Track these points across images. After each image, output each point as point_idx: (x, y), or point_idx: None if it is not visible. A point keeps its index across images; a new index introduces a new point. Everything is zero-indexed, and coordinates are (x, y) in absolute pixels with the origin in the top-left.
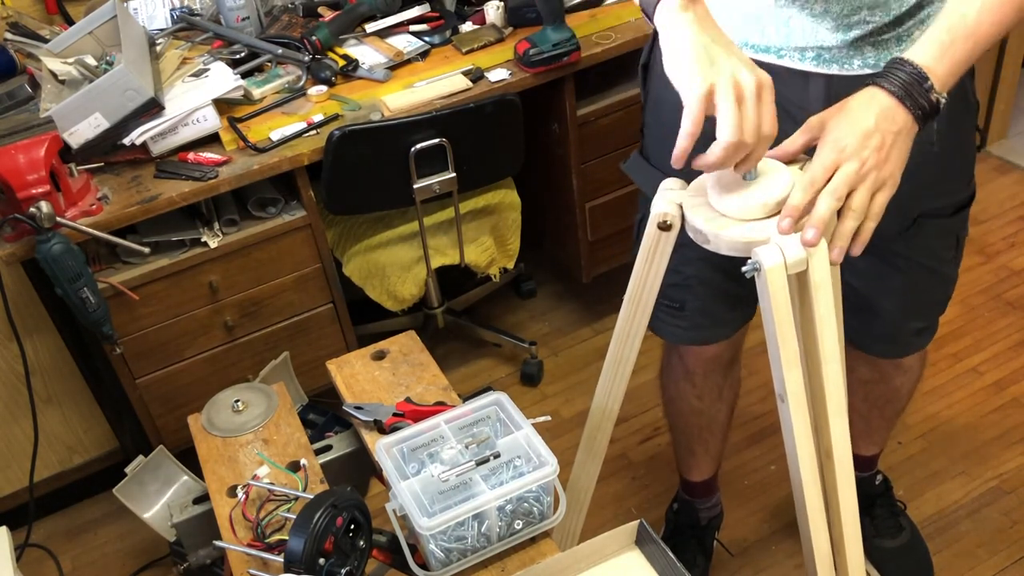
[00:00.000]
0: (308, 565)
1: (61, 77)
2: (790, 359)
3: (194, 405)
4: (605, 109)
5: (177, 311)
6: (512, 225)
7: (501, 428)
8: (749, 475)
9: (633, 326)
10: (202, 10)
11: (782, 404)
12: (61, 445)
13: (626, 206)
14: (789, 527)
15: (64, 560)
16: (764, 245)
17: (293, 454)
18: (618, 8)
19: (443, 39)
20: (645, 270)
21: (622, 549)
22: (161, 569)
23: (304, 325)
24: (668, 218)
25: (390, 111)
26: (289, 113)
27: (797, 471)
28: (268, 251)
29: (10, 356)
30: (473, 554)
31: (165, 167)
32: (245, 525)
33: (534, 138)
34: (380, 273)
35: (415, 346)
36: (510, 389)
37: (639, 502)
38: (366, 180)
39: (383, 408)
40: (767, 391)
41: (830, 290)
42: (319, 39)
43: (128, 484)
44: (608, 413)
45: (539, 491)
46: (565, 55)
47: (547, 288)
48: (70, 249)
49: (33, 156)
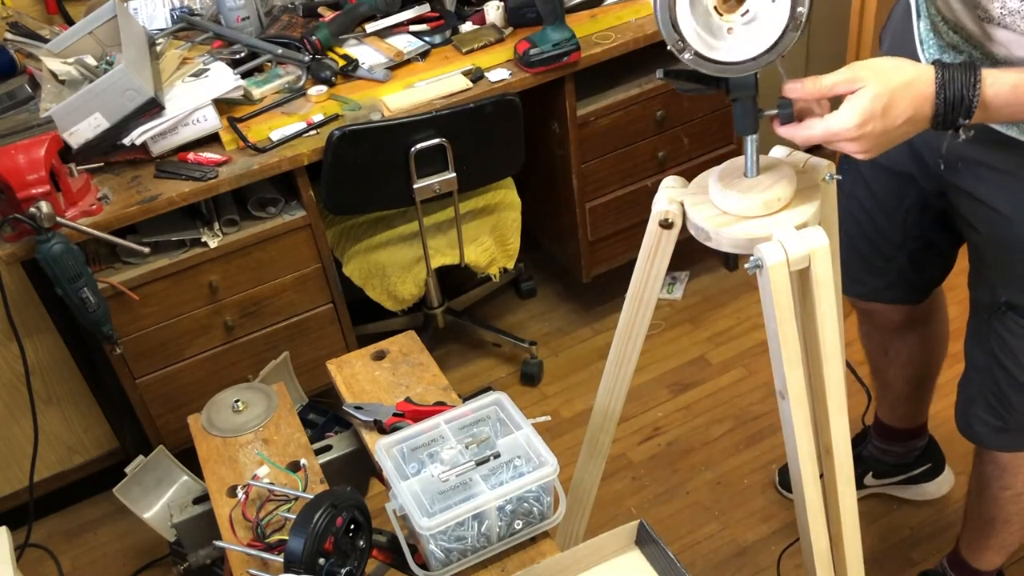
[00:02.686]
0: (308, 565)
1: (61, 77)
2: (791, 356)
3: (194, 405)
4: (605, 109)
5: (177, 311)
6: (512, 225)
7: (501, 428)
8: (749, 475)
9: (635, 325)
10: (202, 10)
11: (783, 401)
12: (61, 445)
13: (626, 206)
14: (789, 527)
15: (64, 560)
16: (766, 242)
17: (293, 454)
18: (618, 8)
19: (443, 39)
20: (647, 268)
21: (622, 549)
22: (161, 569)
23: (304, 325)
24: (669, 216)
25: (390, 111)
26: (289, 113)
27: (797, 469)
28: (268, 251)
29: (10, 356)
30: (473, 554)
31: (165, 167)
32: (245, 525)
33: (534, 138)
34: (380, 273)
35: (415, 346)
36: (510, 389)
37: (639, 502)
38: (366, 180)
39: (383, 408)
40: (767, 391)
41: (832, 287)
42: (319, 39)
43: (128, 484)
44: (611, 413)
45: (539, 491)
46: (565, 55)
47: (547, 288)
48: (70, 249)
49: (33, 156)
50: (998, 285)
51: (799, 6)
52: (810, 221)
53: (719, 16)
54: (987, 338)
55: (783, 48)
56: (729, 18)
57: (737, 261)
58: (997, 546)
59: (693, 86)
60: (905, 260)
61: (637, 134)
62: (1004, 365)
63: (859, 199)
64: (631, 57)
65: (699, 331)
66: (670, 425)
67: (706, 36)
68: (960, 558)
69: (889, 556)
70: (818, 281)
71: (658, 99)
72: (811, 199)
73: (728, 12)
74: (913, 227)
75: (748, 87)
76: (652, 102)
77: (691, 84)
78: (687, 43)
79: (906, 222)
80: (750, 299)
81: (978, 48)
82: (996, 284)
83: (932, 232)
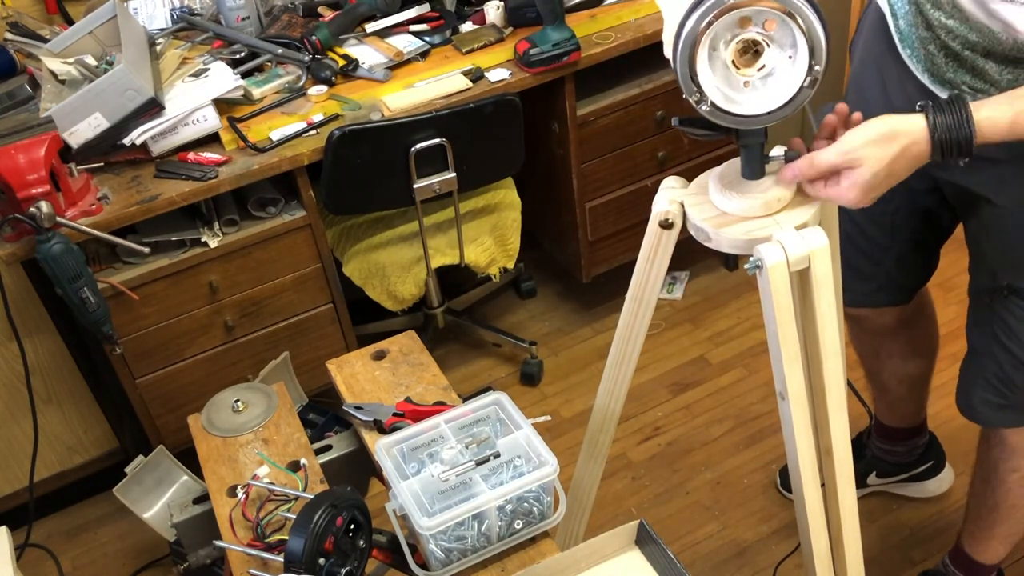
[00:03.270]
0: (308, 565)
1: (61, 77)
2: (791, 356)
3: (194, 405)
4: (605, 109)
5: (177, 311)
6: (512, 225)
7: (501, 428)
8: (749, 475)
9: (635, 325)
10: (202, 10)
11: (782, 401)
12: (61, 445)
13: (626, 206)
14: (789, 527)
15: (64, 560)
16: (766, 243)
17: (293, 454)
18: (618, 8)
19: (443, 39)
20: (647, 269)
21: (622, 549)
22: (161, 569)
23: (304, 325)
24: (670, 216)
25: (390, 111)
26: (289, 113)
27: (797, 469)
28: (268, 251)
29: (10, 356)
30: (473, 554)
31: (165, 167)
32: (245, 525)
33: (534, 138)
34: (380, 273)
35: (415, 346)
36: (510, 389)
37: (639, 502)
38: (366, 180)
39: (383, 408)
40: (767, 391)
41: (832, 287)
42: (319, 39)
43: (128, 484)
44: (611, 413)
45: (539, 491)
46: (565, 55)
47: (547, 288)
48: (70, 249)
49: (33, 156)
50: (999, 270)
51: (816, 64)
52: (810, 221)
53: (736, 70)
54: (989, 322)
55: (799, 104)
56: (746, 72)
57: (737, 261)
58: (1002, 535)
59: (705, 133)
60: (892, 263)
61: (637, 134)
62: (1007, 347)
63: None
64: (631, 57)
65: (699, 331)
66: (670, 425)
67: (724, 89)
68: (963, 553)
69: (889, 556)
70: (818, 281)
71: (658, 99)
72: (811, 200)
73: (745, 67)
74: (901, 230)
75: (758, 135)
76: (652, 102)
77: (703, 131)
78: (705, 95)
79: (894, 225)
80: (750, 299)
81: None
82: (997, 269)
83: (919, 232)
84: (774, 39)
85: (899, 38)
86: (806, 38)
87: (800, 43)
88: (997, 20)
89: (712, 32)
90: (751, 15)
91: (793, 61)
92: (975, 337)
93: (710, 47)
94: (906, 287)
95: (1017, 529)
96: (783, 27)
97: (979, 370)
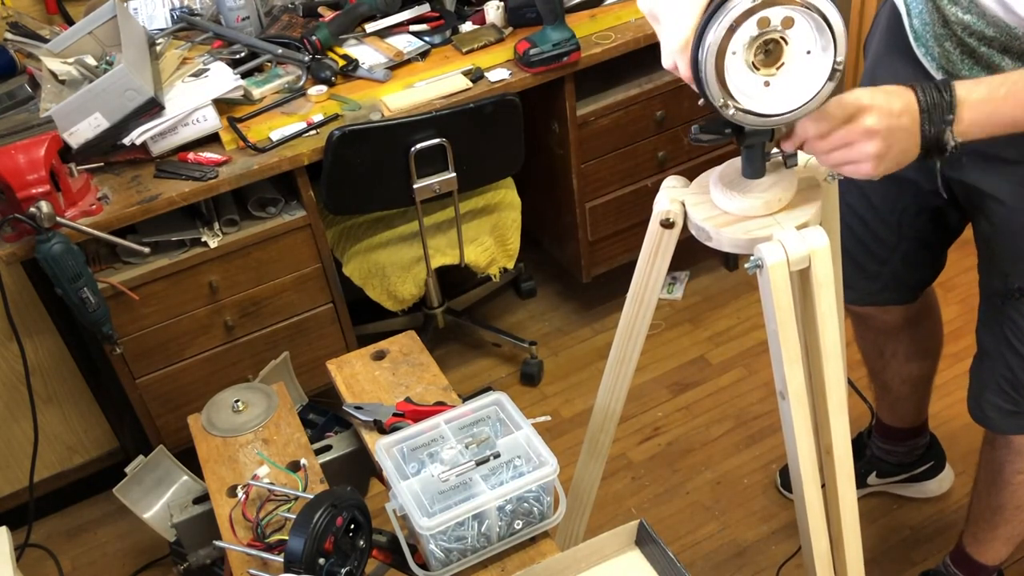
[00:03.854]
0: (308, 565)
1: (61, 77)
2: (791, 356)
3: (194, 405)
4: (605, 109)
5: (177, 311)
6: (512, 225)
7: (501, 428)
8: (749, 475)
9: (636, 325)
10: (202, 10)
11: (783, 401)
12: (61, 445)
13: (626, 206)
14: (789, 527)
15: (64, 560)
16: (767, 242)
17: (293, 454)
18: (618, 8)
19: (443, 39)
20: (647, 268)
21: (622, 549)
22: (161, 569)
23: (304, 325)
24: (671, 215)
25: (390, 111)
26: (289, 113)
27: (797, 469)
28: (268, 251)
29: (10, 356)
30: (473, 554)
31: (165, 167)
32: (245, 525)
33: (534, 138)
34: (380, 273)
35: (415, 346)
36: (510, 389)
37: (639, 502)
38: (366, 180)
39: (383, 408)
40: (767, 391)
41: (832, 287)
42: (319, 39)
43: (128, 484)
44: (611, 413)
45: (539, 491)
46: (565, 55)
47: (547, 288)
48: (70, 249)
49: (33, 156)
50: (1010, 272)
51: (838, 56)
52: (811, 221)
53: (755, 71)
54: (1000, 324)
55: (824, 98)
56: (766, 72)
57: (737, 261)
58: (1005, 536)
59: (712, 137)
60: (899, 262)
61: (637, 134)
62: (1017, 350)
63: (853, 205)
64: (631, 57)
65: (699, 331)
66: (670, 425)
67: (746, 91)
68: (964, 554)
69: (889, 556)
70: (818, 281)
71: (658, 99)
72: (812, 199)
73: (765, 67)
74: (908, 229)
75: (762, 135)
76: (652, 102)
77: (710, 136)
78: (734, 100)
79: (901, 224)
80: (750, 299)
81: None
82: (1008, 271)
83: (926, 232)
84: (792, 37)
85: (913, 37)
86: (830, 32)
87: (822, 38)
88: (1014, 15)
89: (735, 37)
90: (770, 16)
91: (812, 56)
92: (985, 339)
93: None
94: (912, 286)
95: (1020, 530)
96: (800, 24)
97: (989, 373)
